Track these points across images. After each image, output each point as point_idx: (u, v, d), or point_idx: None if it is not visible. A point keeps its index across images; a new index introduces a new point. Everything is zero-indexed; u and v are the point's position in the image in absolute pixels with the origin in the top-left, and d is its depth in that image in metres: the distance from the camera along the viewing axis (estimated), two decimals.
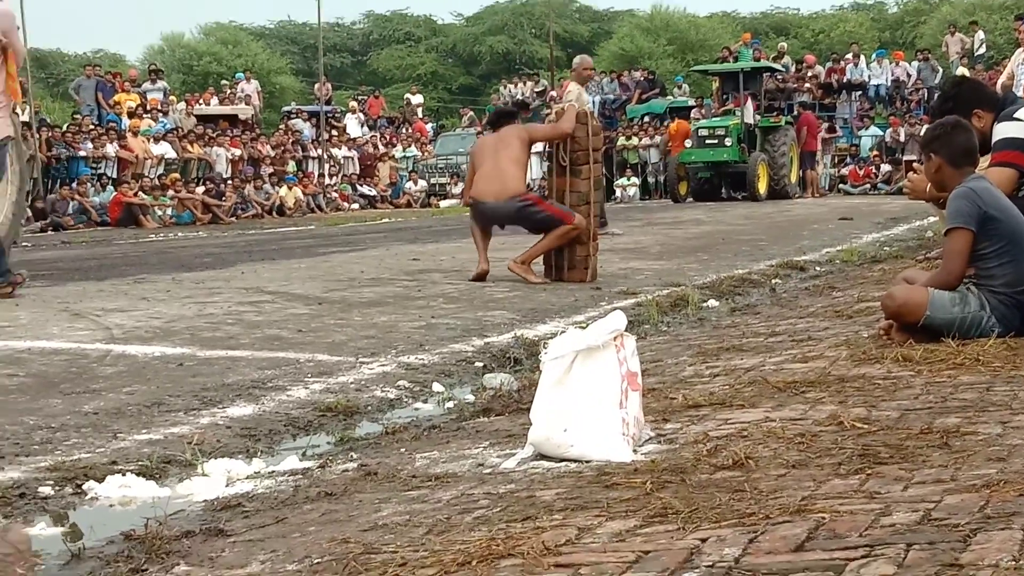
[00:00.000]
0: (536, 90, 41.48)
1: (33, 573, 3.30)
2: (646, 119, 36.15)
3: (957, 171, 5.65)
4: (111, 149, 26.88)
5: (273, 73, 58.69)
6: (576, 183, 9.94)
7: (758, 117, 29.63)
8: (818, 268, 11.11)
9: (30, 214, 23.52)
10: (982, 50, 37.37)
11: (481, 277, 9.88)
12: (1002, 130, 6.70)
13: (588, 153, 9.99)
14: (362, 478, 3.94)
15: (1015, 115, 6.74)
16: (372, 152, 36.51)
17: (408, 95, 46.04)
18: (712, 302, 8.66)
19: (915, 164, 6.41)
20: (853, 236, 14.58)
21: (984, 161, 6.54)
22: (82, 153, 26.36)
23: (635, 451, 3.84)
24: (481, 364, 6.33)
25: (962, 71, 32.72)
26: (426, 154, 38.62)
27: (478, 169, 10.23)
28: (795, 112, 31.47)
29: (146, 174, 26.46)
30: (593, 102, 36.55)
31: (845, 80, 36.73)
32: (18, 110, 9.88)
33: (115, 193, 24.72)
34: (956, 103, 6.73)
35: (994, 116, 6.75)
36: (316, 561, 3.00)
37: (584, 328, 4.12)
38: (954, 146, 5.69)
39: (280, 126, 37.41)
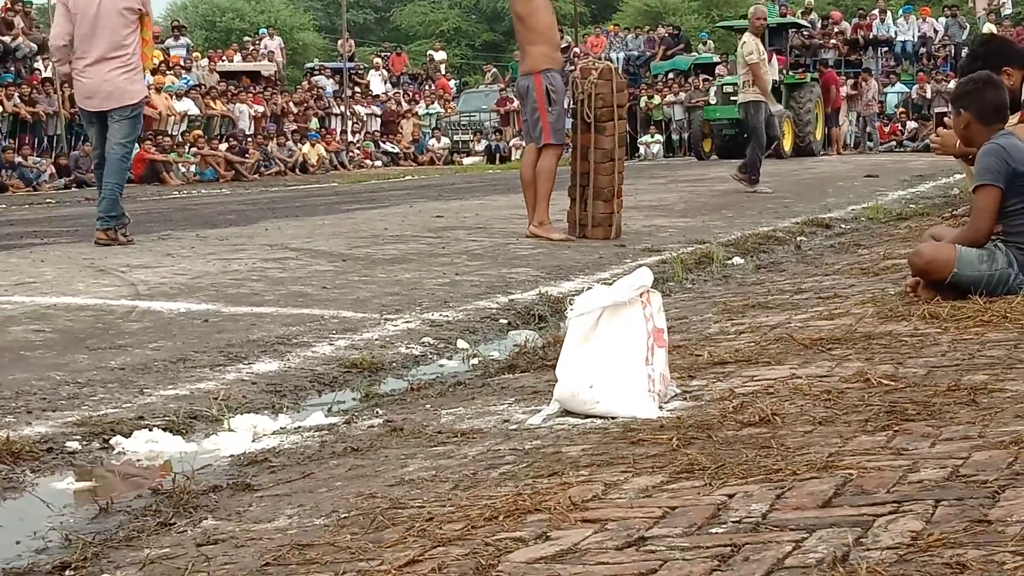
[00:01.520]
0: (560, 46, 41.31)
1: None
2: (670, 75, 35.96)
3: (986, 128, 5.60)
4: None
5: (296, 29, 58.58)
6: (601, 140, 9.87)
7: (784, 74, 29.44)
8: (843, 226, 11.06)
9: (54, 170, 23.62)
10: (1008, 9, 37.03)
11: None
12: None
13: (613, 109, 9.92)
14: (388, 434, 3.95)
15: None
16: (395, 109, 36.48)
17: (431, 52, 45.92)
18: (737, 259, 8.63)
19: (946, 118, 6.35)
20: (879, 193, 14.51)
21: (1014, 118, 6.49)
22: None
23: (661, 408, 3.83)
24: (506, 321, 6.33)
25: (989, 28, 32.48)
26: (449, 111, 38.56)
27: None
28: (818, 70, 31.23)
29: (169, 131, 26.45)
30: (617, 58, 36.47)
31: (871, 36, 36.46)
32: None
33: (138, 150, 24.74)
34: (985, 61, 6.68)
35: (1023, 73, 6.69)
36: (343, 516, 3.01)
37: (610, 284, 4.11)
38: (984, 102, 5.64)
39: (303, 83, 37.39)
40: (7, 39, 26.37)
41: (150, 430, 4.05)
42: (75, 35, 9.88)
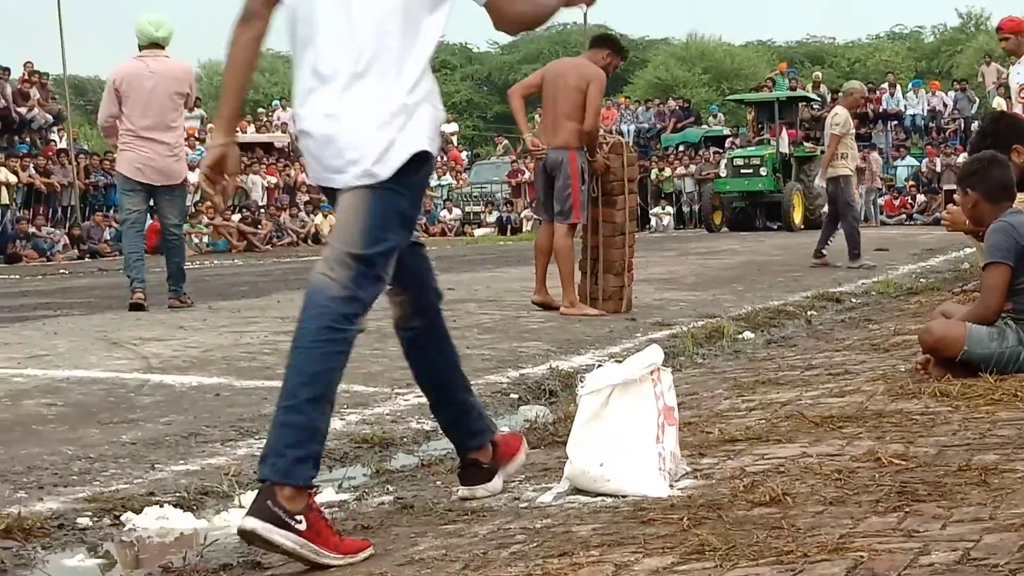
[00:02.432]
0: None
1: None
2: (681, 148, 36.16)
3: (994, 206, 5.64)
4: None
5: None
6: (611, 214, 9.91)
7: (793, 147, 29.59)
8: (854, 300, 11.07)
9: (67, 240, 23.75)
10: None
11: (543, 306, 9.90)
12: None
13: (623, 183, 9.96)
14: (398, 511, 3.95)
15: None
16: None
17: (443, 126, 46.15)
18: (747, 334, 8.64)
19: (955, 195, 6.43)
20: (889, 267, 14.53)
21: (1023, 195, 6.52)
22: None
23: (671, 486, 3.83)
24: (516, 396, 6.34)
25: (999, 102, 32.60)
26: (461, 182, 38.73)
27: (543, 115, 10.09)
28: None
29: None
30: (628, 131, 36.66)
31: (881, 110, 36.65)
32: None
33: (151, 221, 24.86)
34: (995, 139, 6.72)
35: None
36: None
37: (620, 361, 4.13)
38: (991, 181, 5.69)
39: None
40: (23, 110, 26.62)
41: (161, 506, 4.05)
42: (126, 112, 10.34)
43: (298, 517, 3.36)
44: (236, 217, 27.23)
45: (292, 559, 3.39)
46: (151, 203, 10.73)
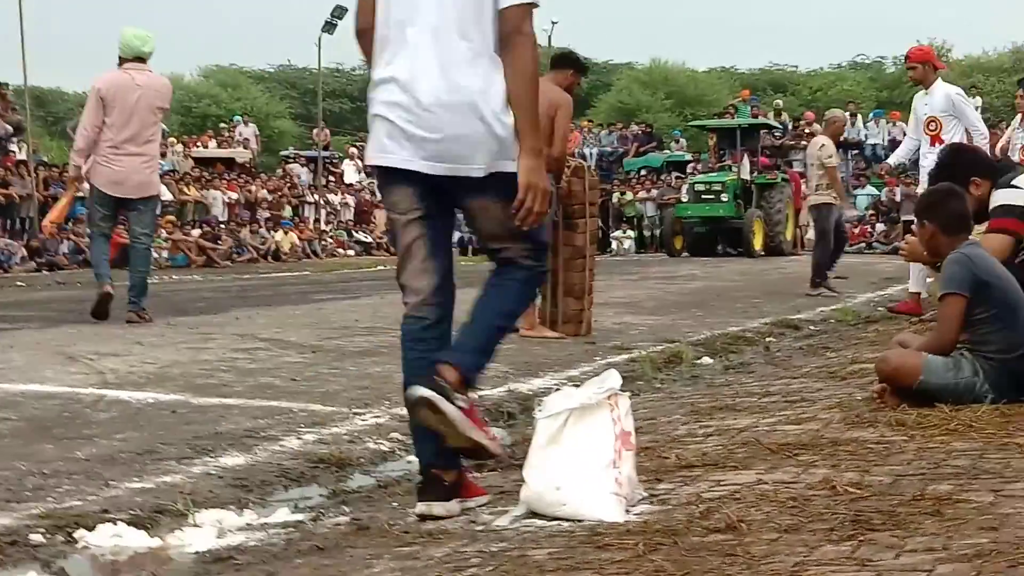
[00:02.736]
0: None
1: None
2: (643, 172, 36.30)
3: (951, 238, 5.69)
4: None
5: (272, 117, 58.93)
6: (572, 237, 9.91)
7: (755, 173, 29.77)
8: (812, 327, 11.12)
9: (25, 253, 23.59)
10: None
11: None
12: (1000, 197, 6.74)
13: (585, 207, 9.97)
14: (354, 533, 3.94)
15: (1013, 182, 6.77)
16: (368, 199, 36.63)
17: None
18: (706, 359, 8.67)
19: (913, 226, 6.53)
20: (848, 295, 14.60)
21: (981, 227, 6.58)
22: (79, 193, 26.36)
23: (628, 511, 3.84)
24: None
25: None
26: None
27: None
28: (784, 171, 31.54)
29: None
30: (590, 154, 36.76)
31: (842, 139, 36.83)
32: None
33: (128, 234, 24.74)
34: (953, 171, 6.77)
35: (991, 183, 6.78)
36: None
37: (578, 385, 4.13)
38: (947, 213, 5.74)
39: (278, 170, 37.54)
40: None
41: (115, 524, 4.03)
42: (107, 123, 10.44)
43: (461, 397, 3.92)
44: (196, 232, 27.12)
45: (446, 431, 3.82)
46: (118, 220, 10.98)
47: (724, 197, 29.03)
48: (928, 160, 11.03)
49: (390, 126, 4.02)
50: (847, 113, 37.47)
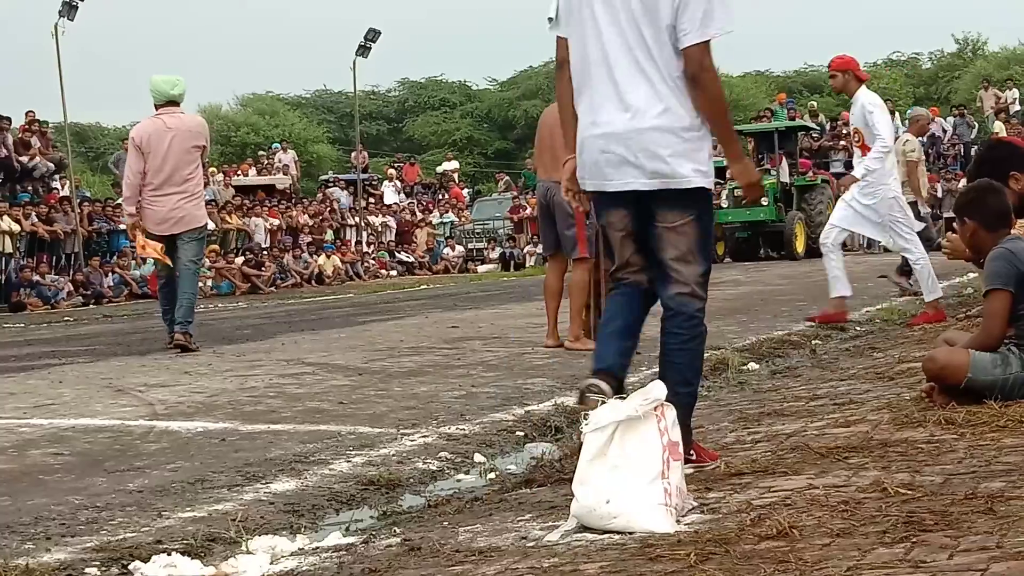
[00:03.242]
0: None
1: None
2: None
3: (992, 234, 5.66)
4: None
5: (310, 142, 59.22)
6: None
7: (794, 176, 29.67)
8: (858, 328, 11.06)
9: (71, 288, 23.79)
10: (1016, 107, 37.30)
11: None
12: None
13: None
14: (406, 553, 3.94)
15: None
16: (409, 219, 36.74)
17: (444, 163, 46.30)
18: (752, 365, 8.64)
19: (954, 223, 6.52)
20: (892, 294, 14.51)
21: (1022, 222, 6.53)
22: (122, 226, 26.59)
23: (678, 522, 3.83)
24: (522, 433, 6.34)
25: (999, 126, 32.70)
26: (463, 219, 38.82)
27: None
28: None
29: None
30: None
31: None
32: None
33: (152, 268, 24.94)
34: (992, 165, 6.73)
35: None
36: None
37: (624, 397, 4.13)
38: (987, 209, 5.71)
39: (318, 195, 37.70)
40: (24, 159, 26.69)
41: (168, 554, 4.05)
42: (147, 169, 10.98)
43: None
44: (239, 260, 27.27)
45: None
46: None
47: (764, 201, 28.93)
48: (859, 169, 10.97)
49: (597, 154, 4.75)
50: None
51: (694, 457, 4.69)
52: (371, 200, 37.06)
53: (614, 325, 4.91)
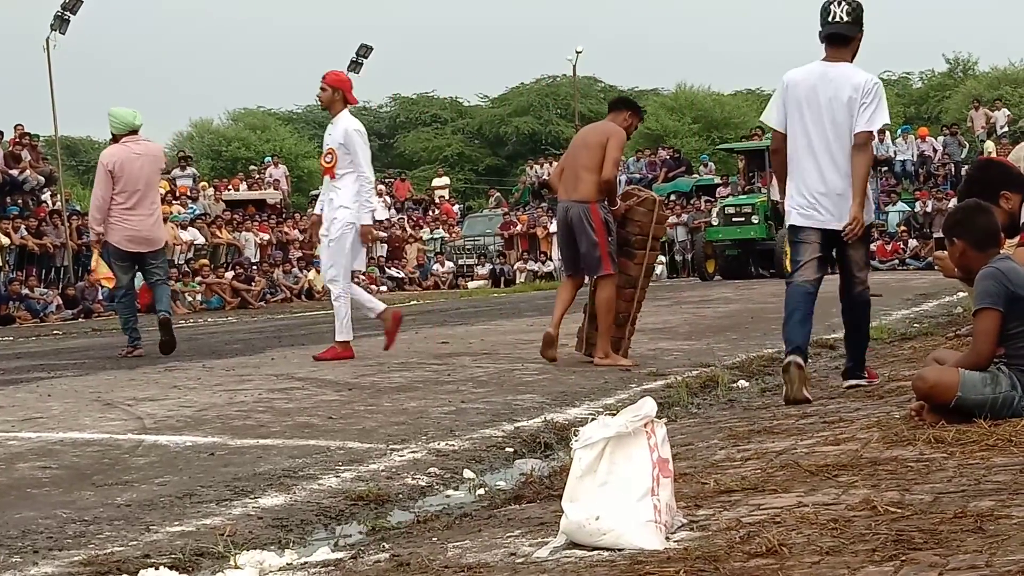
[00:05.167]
0: None
1: None
2: (672, 197, 36.28)
3: (981, 253, 5.67)
4: None
5: (301, 157, 59.24)
6: (627, 265, 9.94)
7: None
8: None
9: (60, 301, 23.75)
10: (1005, 128, 37.41)
11: (548, 343, 9.92)
12: None
13: (647, 239, 10.00)
14: (394, 569, 3.93)
15: None
16: (399, 235, 36.73)
17: (434, 180, 46.34)
18: (742, 383, 8.64)
19: (945, 242, 6.64)
20: (882, 313, 14.53)
21: (1013, 242, 6.55)
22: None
23: (668, 539, 3.83)
24: (512, 449, 6.33)
25: (989, 145, 32.80)
26: (453, 235, 38.83)
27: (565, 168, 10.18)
28: None
29: (175, 260, 26.63)
30: (619, 181, 36.76)
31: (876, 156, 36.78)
32: None
33: (143, 281, 24.88)
34: (984, 185, 6.75)
35: (1022, 197, 6.76)
36: None
37: (614, 414, 4.13)
38: (976, 229, 5.72)
39: (308, 209, 37.68)
40: (14, 172, 26.67)
41: (156, 568, 4.03)
42: (116, 191, 11.92)
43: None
44: (229, 274, 27.25)
45: None
46: (136, 269, 12.41)
47: (755, 219, 28.99)
48: (330, 195, 10.89)
49: (811, 200, 7.32)
50: None
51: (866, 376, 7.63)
52: None
53: (800, 314, 7.28)
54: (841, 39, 7.26)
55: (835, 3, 7.23)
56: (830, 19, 7.24)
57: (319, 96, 11.23)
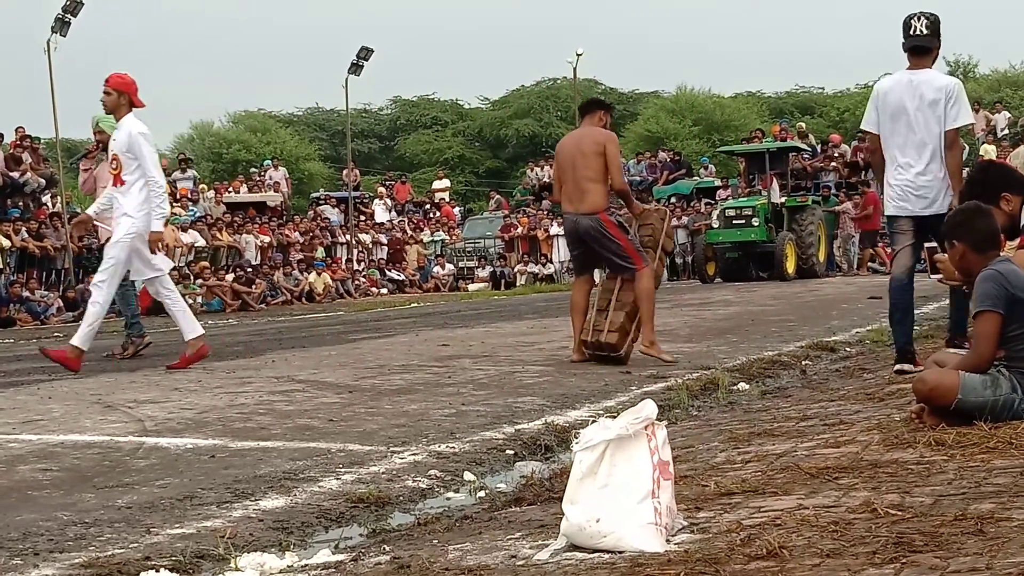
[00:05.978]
0: None
1: None
2: (673, 200, 36.29)
3: (981, 256, 5.67)
4: None
5: (301, 160, 59.24)
6: None
7: (784, 197, 29.73)
8: (848, 349, 11.08)
9: (61, 304, 23.74)
10: (1005, 130, 37.38)
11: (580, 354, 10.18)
12: None
13: (656, 244, 10.29)
14: (395, 571, 3.93)
15: None
16: (400, 237, 36.73)
17: (435, 182, 46.36)
18: (743, 385, 8.64)
19: (935, 255, 6.69)
20: (883, 316, 14.50)
21: (1014, 243, 6.55)
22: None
23: (668, 541, 3.82)
24: (512, 452, 6.33)
25: (988, 148, 32.78)
26: (454, 238, 38.84)
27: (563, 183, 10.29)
28: (861, 191, 31.62)
29: (175, 262, 26.62)
30: None
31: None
32: None
33: (142, 285, 24.86)
34: (984, 187, 6.75)
35: (1022, 199, 6.76)
36: None
37: (615, 417, 4.13)
38: (976, 231, 5.73)
39: (309, 212, 37.71)
40: (15, 174, 26.67)
41: (157, 571, 4.04)
42: (99, 187, 12.17)
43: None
44: (230, 277, 27.24)
45: None
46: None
47: (755, 221, 28.99)
48: (118, 202, 10.77)
49: (902, 192, 8.14)
50: None
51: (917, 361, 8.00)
52: (362, 218, 37.06)
53: (899, 313, 8.29)
54: (923, 50, 8.19)
55: (915, 18, 8.16)
56: (912, 32, 8.17)
57: (103, 100, 10.87)
